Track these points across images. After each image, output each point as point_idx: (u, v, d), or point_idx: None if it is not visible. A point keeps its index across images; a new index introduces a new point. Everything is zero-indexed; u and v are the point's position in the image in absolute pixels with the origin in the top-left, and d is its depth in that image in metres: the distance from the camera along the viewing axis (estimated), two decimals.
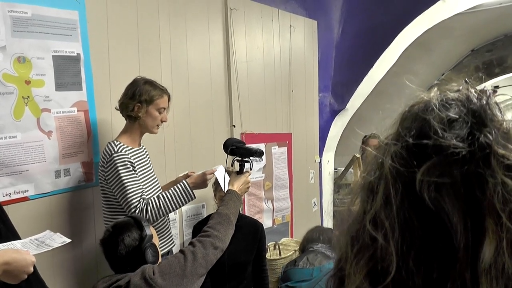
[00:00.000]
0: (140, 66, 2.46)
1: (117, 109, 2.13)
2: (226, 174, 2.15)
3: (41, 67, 2.03)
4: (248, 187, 2.06)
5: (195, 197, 2.14)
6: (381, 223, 0.43)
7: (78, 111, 2.19)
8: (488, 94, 0.46)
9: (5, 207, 1.78)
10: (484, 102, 0.45)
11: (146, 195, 2.07)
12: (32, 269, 1.32)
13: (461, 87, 0.48)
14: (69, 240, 1.56)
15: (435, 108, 0.45)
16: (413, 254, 0.41)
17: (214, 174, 2.20)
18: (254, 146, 2.64)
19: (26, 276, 1.31)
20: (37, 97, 2.02)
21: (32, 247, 1.45)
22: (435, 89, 0.48)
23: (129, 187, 1.99)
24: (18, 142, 1.95)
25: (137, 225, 1.55)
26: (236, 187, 1.97)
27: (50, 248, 1.49)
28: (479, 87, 0.48)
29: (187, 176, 2.27)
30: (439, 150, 0.42)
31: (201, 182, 2.17)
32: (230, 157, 2.12)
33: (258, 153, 2.07)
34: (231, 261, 2.25)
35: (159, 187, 2.28)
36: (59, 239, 1.54)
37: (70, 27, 2.14)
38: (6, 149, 1.91)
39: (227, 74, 3.07)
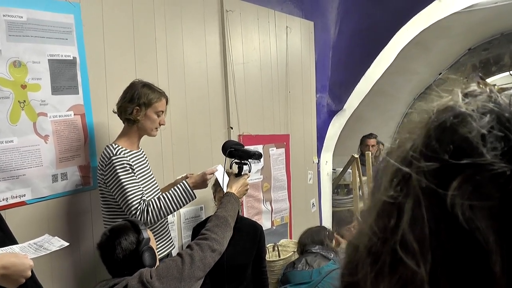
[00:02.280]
0: (136, 69, 2.45)
1: (114, 112, 2.13)
2: (225, 174, 2.14)
3: (37, 71, 2.03)
4: (246, 190, 2.06)
5: (195, 197, 2.14)
6: (410, 245, 0.39)
7: (74, 114, 2.18)
8: None
9: (2, 212, 1.78)
10: None
11: (146, 197, 2.07)
12: (30, 273, 1.31)
13: (488, 89, 0.42)
14: (67, 244, 1.56)
15: (471, 120, 0.39)
16: (447, 278, 0.38)
17: (214, 174, 2.20)
18: (252, 148, 2.63)
19: (24, 281, 1.30)
20: (33, 101, 2.01)
21: (31, 251, 1.44)
22: (458, 91, 0.43)
23: (129, 190, 1.99)
24: (14, 147, 1.94)
25: (134, 228, 1.55)
26: (235, 189, 1.97)
27: (49, 252, 1.49)
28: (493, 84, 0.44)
29: (186, 178, 2.26)
30: (479, 170, 0.37)
31: (201, 182, 2.17)
32: (228, 160, 2.12)
33: (257, 156, 2.07)
34: (231, 263, 2.25)
35: (158, 189, 2.27)
36: (57, 243, 1.54)
37: (65, 30, 2.14)
38: (2, 153, 1.90)
39: (223, 76, 3.06)
